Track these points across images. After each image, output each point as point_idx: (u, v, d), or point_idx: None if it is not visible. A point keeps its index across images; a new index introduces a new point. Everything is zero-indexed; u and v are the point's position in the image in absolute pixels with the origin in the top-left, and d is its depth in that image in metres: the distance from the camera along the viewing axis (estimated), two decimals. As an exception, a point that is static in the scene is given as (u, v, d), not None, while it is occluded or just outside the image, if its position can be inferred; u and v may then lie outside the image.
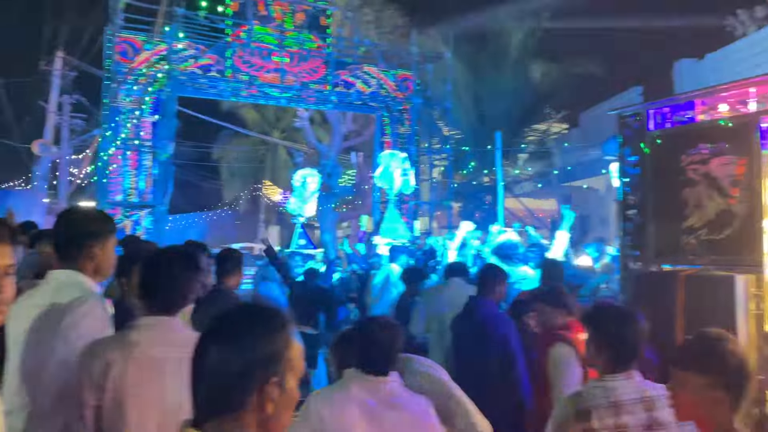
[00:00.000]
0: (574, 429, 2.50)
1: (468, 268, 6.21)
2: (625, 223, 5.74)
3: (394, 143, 15.82)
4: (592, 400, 2.53)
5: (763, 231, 4.67)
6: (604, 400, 2.52)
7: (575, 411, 2.53)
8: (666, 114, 5.63)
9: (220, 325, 1.41)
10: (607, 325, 2.72)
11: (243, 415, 1.37)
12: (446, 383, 3.08)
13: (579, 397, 2.62)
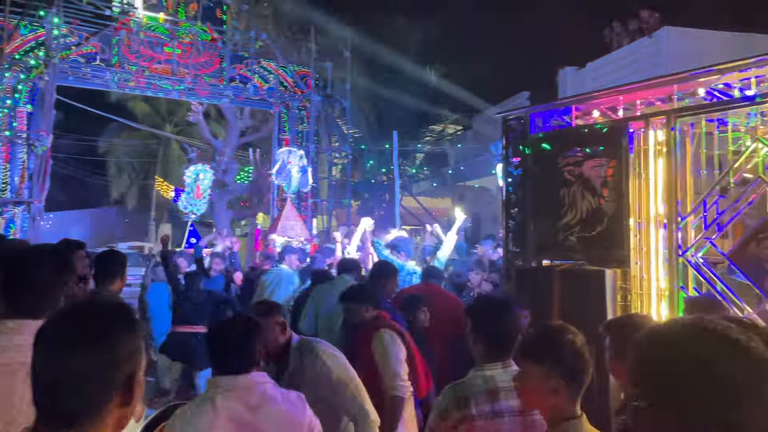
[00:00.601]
0: (454, 416, 2.59)
1: (359, 265, 6.27)
2: (508, 222, 6.02)
3: (292, 140, 15.67)
4: (471, 389, 2.64)
5: (630, 229, 5.07)
6: (483, 387, 2.63)
7: (455, 399, 2.63)
8: (546, 118, 5.97)
9: (73, 326, 1.35)
10: (484, 316, 2.84)
11: (105, 415, 1.34)
12: (348, 369, 3.17)
13: (460, 386, 2.72)
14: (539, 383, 2.13)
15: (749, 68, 4.52)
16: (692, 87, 4.92)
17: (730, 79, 4.65)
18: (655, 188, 5.01)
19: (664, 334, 1.21)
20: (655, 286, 4.89)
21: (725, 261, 4.65)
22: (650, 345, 1.21)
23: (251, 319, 2.67)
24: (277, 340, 3.17)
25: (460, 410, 2.60)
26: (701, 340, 1.15)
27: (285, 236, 11.14)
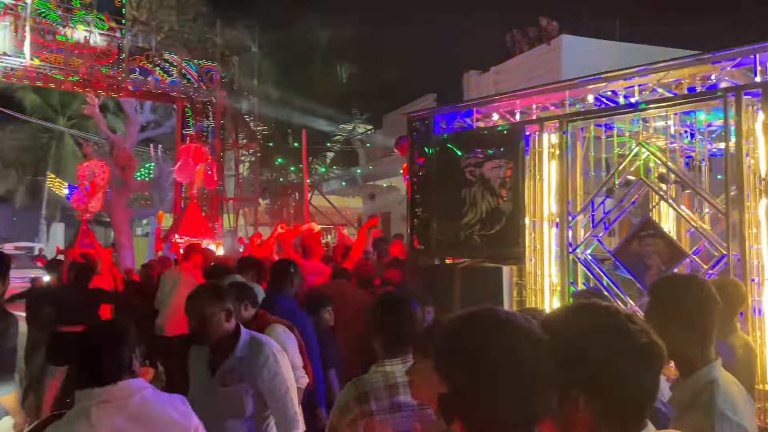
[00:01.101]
0: (353, 411, 2.60)
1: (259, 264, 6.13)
2: (413, 220, 6.13)
3: (197, 136, 15.18)
4: (371, 384, 2.65)
5: (525, 227, 5.30)
6: (382, 383, 2.65)
7: (355, 394, 2.64)
8: (450, 120, 6.13)
9: None
10: (383, 312, 2.88)
11: None
12: (290, 371, 3.14)
13: (360, 382, 2.73)
14: (428, 376, 2.19)
15: (633, 77, 4.85)
16: (582, 93, 5.21)
17: (616, 87, 4.96)
18: (549, 189, 5.27)
19: (452, 323, 1.30)
20: (548, 282, 5.14)
21: (611, 257, 4.96)
22: (443, 336, 1.30)
23: (121, 322, 2.52)
24: (222, 327, 3.08)
25: (360, 405, 2.62)
26: (487, 329, 1.25)
27: (187, 236, 10.77)
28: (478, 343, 1.23)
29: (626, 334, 1.27)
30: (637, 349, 1.27)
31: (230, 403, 3.07)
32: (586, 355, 1.26)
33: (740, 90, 4.21)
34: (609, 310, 1.33)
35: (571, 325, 1.33)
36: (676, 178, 4.82)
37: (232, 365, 3.08)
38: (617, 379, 1.26)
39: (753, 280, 4.09)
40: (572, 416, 1.27)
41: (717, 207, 4.48)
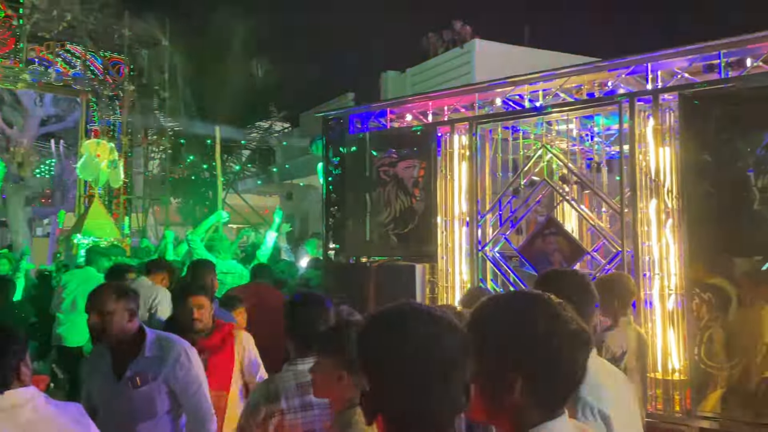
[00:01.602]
0: (263, 411, 2.60)
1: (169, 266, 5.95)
2: (328, 220, 6.13)
3: (103, 132, 14.45)
4: (282, 383, 2.66)
5: (437, 226, 5.43)
6: (293, 382, 2.66)
7: (266, 394, 2.65)
8: (364, 119, 6.17)
9: None
10: (296, 312, 2.88)
11: None
12: (202, 369, 3.11)
13: (271, 381, 2.75)
14: (328, 374, 2.22)
15: (537, 82, 5.07)
16: (491, 96, 5.39)
17: (522, 91, 5.17)
18: (459, 188, 5.42)
19: (369, 320, 1.33)
20: (459, 279, 5.29)
21: (518, 255, 5.17)
22: (362, 333, 1.32)
23: (5, 328, 2.36)
24: (125, 327, 2.98)
25: (270, 405, 2.61)
26: (405, 322, 1.27)
27: (91, 237, 10.25)
28: (397, 336, 1.24)
29: (562, 319, 1.33)
30: (571, 335, 1.32)
31: (143, 404, 2.98)
32: (525, 338, 1.30)
33: (633, 96, 4.50)
34: (544, 298, 1.38)
35: (509, 310, 1.37)
36: (577, 179, 5.09)
37: (142, 365, 2.98)
38: (554, 362, 1.30)
39: (645, 275, 4.39)
40: (506, 400, 1.30)
41: (613, 206, 4.77)
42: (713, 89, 4.14)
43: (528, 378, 1.29)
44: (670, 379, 4.21)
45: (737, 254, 3.98)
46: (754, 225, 3.91)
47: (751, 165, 3.93)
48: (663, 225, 4.36)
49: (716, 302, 4.02)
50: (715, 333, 4.01)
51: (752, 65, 4.19)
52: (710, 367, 4.01)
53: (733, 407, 3.94)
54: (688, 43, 4.33)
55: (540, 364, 1.30)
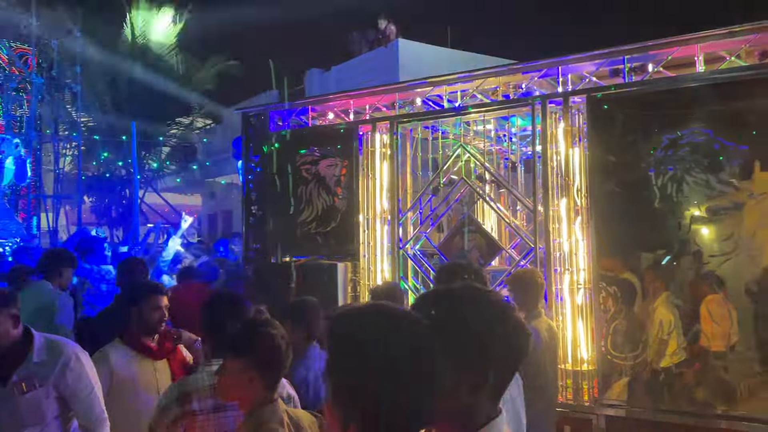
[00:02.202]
0: (174, 412, 2.55)
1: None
2: (248, 219, 6.03)
3: (8, 127, 13.60)
4: (194, 384, 2.61)
5: (359, 224, 5.45)
6: (207, 383, 2.61)
7: (177, 395, 2.59)
8: (286, 117, 6.11)
9: None
10: (212, 313, 2.84)
11: None
12: (95, 372, 3.02)
13: (183, 383, 2.69)
14: (237, 376, 2.19)
15: (456, 83, 5.18)
16: (411, 96, 5.46)
17: (441, 92, 5.27)
18: (381, 187, 5.46)
19: (336, 322, 1.29)
20: (380, 277, 5.33)
21: (438, 252, 5.26)
22: (330, 337, 1.26)
23: None
24: (9, 333, 2.87)
25: (181, 406, 2.56)
26: (376, 325, 1.22)
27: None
28: (366, 341, 1.19)
29: (512, 317, 1.35)
30: (522, 330, 1.35)
31: (30, 410, 2.87)
32: (491, 338, 1.30)
33: (545, 99, 4.68)
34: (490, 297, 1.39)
35: (468, 311, 1.33)
36: (493, 178, 5.23)
37: (29, 371, 2.87)
38: (513, 356, 1.33)
39: (556, 270, 4.57)
40: (464, 399, 1.29)
41: (526, 205, 4.94)
42: (618, 93, 4.36)
43: (497, 372, 1.31)
44: (579, 369, 4.40)
45: (640, 250, 4.22)
46: (655, 222, 4.15)
47: (652, 165, 4.17)
48: (573, 222, 4.55)
49: (622, 295, 4.24)
50: (620, 325, 4.24)
51: (653, 70, 4.44)
52: (615, 358, 4.22)
53: (637, 395, 4.18)
54: (598, 48, 4.54)
55: (503, 361, 1.32)
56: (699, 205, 4.02)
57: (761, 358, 3.82)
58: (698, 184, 4.04)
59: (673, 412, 4.03)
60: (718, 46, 4.22)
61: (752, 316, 3.87)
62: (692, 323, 4.04)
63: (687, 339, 4.05)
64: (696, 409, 3.97)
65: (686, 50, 4.27)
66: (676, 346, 4.10)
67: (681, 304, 4.07)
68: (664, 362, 4.12)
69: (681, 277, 4.08)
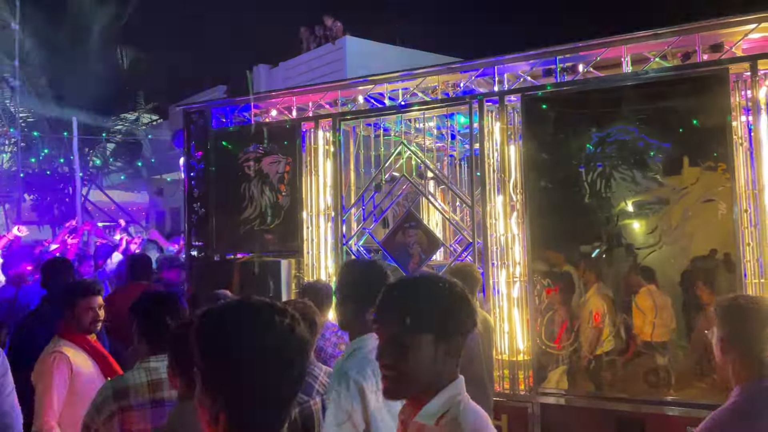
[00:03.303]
0: (109, 408, 2.60)
1: None
2: (191, 216, 5.96)
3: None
4: (132, 380, 2.68)
5: (303, 221, 5.47)
6: (145, 379, 2.69)
7: (113, 391, 2.65)
8: (229, 113, 6.06)
9: None
10: (147, 312, 2.86)
11: None
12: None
13: (120, 379, 2.75)
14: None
15: (397, 81, 5.26)
16: (354, 94, 5.51)
17: (383, 89, 5.33)
18: (324, 184, 5.49)
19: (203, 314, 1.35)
20: (324, 273, 5.37)
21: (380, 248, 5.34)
22: (194, 333, 1.32)
23: None
24: None
25: (117, 401, 2.61)
26: (235, 322, 1.29)
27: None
28: (225, 336, 1.25)
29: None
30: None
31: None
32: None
33: (482, 97, 4.80)
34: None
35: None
36: (433, 175, 5.33)
37: None
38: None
39: (493, 264, 4.71)
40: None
41: (465, 200, 5.06)
42: (550, 92, 4.51)
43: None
44: (515, 359, 4.55)
45: (573, 243, 4.38)
46: (586, 217, 4.32)
47: (582, 162, 4.34)
48: (509, 218, 4.69)
49: (556, 287, 4.40)
50: (556, 316, 4.40)
51: (584, 70, 4.61)
52: (550, 348, 4.38)
53: (573, 383, 4.34)
54: (531, 48, 4.69)
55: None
56: (626, 200, 4.20)
57: (689, 345, 4.03)
58: (625, 180, 4.22)
59: (605, 399, 4.21)
60: (643, 47, 4.42)
61: (679, 306, 4.08)
62: (622, 313, 4.22)
63: (617, 328, 4.23)
64: (628, 396, 4.15)
65: (614, 51, 4.45)
66: (607, 334, 4.28)
67: (611, 295, 4.25)
68: (598, 351, 4.29)
69: (611, 268, 4.26)
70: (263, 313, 1.29)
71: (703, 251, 4.01)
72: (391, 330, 1.60)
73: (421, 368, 1.58)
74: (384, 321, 1.63)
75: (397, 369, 1.58)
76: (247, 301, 1.33)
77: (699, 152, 4.04)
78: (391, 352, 1.59)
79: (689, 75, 4.12)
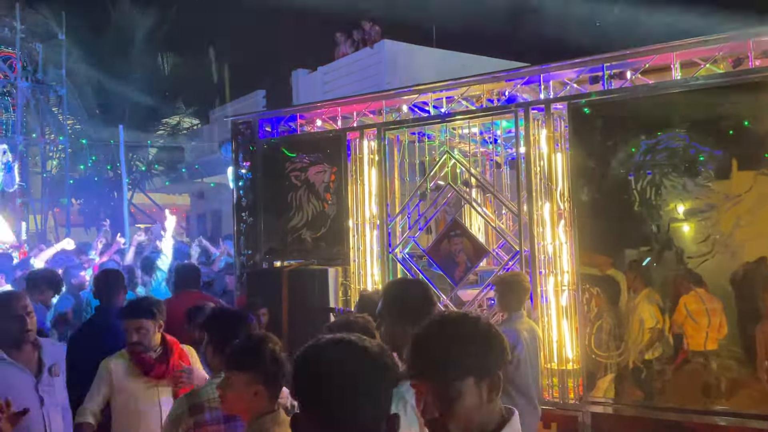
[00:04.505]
0: (186, 422, 2.68)
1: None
2: (239, 224, 6.12)
3: (-7, 131, 13.58)
4: (205, 396, 2.75)
5: (349, 230, 5.56)
6: (217, 395, 2.68)
7: (189, 406, 2.72)
8: (275, 123, 6.19)
9: None
10: (220, 329, 2.96)
11: None
12: None
13: (195, 393, 2.83)
14: (243, 390, 2.32)
15: (441, 90, 5.30)
16: (398, 103, 5.57)
17: (427, 98, 5.38)
18: (369, 192, 5.57)
19: (305, 350, 1.46)
20: (371, 281, 5.45)
21: (426, 255, 5.40)
22: (297, 361, 1.45)
23: None
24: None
25: (193, 416, 2.69)
26: (331, 352, 1.41)
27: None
28: (325, 371, 1.38)
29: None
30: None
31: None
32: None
33: (528, 106, 4.81)
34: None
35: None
36: (478, 182, 5.36)
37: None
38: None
39: (541, 273, 4.71)
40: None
41: (511, 209, 5.07)
42: (598, 99, 4.50)
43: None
44: (564, 368, 4.55)
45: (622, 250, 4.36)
46: (635, 225, 4.29)
47: (631, 170, 4.31)
48: (556, 226, 4.69)
49: (605, 295, 4.39)
50: (604, 324, 4.38)
51: (632, 77, 4.58)
52: (599, 356, 4.37)
53: (622, 391, 4.33)
54: (578, 56, 4.68)
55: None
56: (677, 208, 4.16)
57: (741, 353, 3.98)
58: (675, 188, 4.18)
59: (655, 408, 4.18)
60: (693, 53, 4.36)
61: (732, 314, 4.02)
62: (671, 320, 4.19)
63: (666, 335, 4.20)
64: (677, 405, 4.11)
65: (663, 58, 4.41)
66: (656, 342, 4.25)
67: (661, 302, 4.22)
68: (647, 358, 4.26)
69: (661, 276, 4.22)
70: (357, 350, 1.38)
71: (757, 258, 3.95)
72: (429, 383, 1.56)
73: (470, 414, 1.54)
74: (420, 375, 1.58)
75: (443, 419, 1.53)
76: (341, 340, 1.42)
77: (752, 159, 3.98)
78: (436, 407, 1.54)
79: (741, 81, 4.06)
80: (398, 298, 2.47)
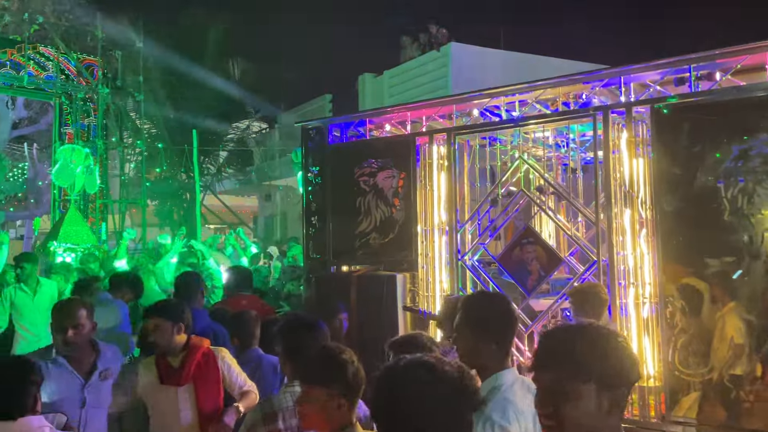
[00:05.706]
0: (260, 430, 2.66)
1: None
2: (308, 229, 6.16)
3: (77, 135, 14.24)
4: (279, 404, 2.72)
5: (417, 235, 5.49)
6: (291, 403, 2.71)
7: (263, 414, 2.70)
8: (344, 129, 6.20)
9: None
10: (295, 336, 2.93)
11: None
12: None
13: (268, 402, 2.80)
14: (324, 403, 2.27)
15: (513, 93, 5.15)
16: (468, 108, 5.46)
17: (499, 102, 5.25)
18: (438, 198, 5.48)
19: (384, 373, 1.43)
20: (439, 288, 5.36)
21: (496, 263, 5.26)
22: (377, 384, 1.42)
23: (27, 361, 2.48)
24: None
25: (267, 425, 2.67)
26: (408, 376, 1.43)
27: (67, 243, 10.14)
28: (402, 395, 1.42)
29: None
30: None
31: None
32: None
33: (607, 109, 4.60)
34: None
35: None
36: (553, 189, 5.18)
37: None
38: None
39: (620, 284, 4.50)
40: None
41: (588, 216, 4.87)
42: (684, 102, 4.25)
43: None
44: (645, 385, 4.32)
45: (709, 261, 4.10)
46: (724, 236, 4.03)
47: (720, 177, 4.05)
48: (637, 235, 4.46)
49: (689, 309, 4.14)
50: (689, 339, 4.13)
51: (721, 78, 4.31)
52: (683, 374, 4.13)
53: (707, 411, 4.07)
54: (661, 57, 4.44)
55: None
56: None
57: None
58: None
59: (740, 430, 3.91)
60: (790, 52, 4.06)
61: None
62: (762, 337, 3.91)
63: (757, 353, 3.92)
64: (763, 427, 3.83)
65: (755, 59, 4.12)
66: (745, 360, 3.98)
67: (751, 318, 3.94)
68: (733, 375, 4.00)
69: (752, 289, 3.95)
70: (437, 374, 1.35)
71: None
72: (550, 377, 1.56)
73: (582, 419, 1.51)
74: (542, 368, 1.59)
75: (557, 418, 1.53)
76: (422, 363, 1.39)
77: None
78: (550, 401, 1.54)
79: None
80: (481, 313, 2.36)
